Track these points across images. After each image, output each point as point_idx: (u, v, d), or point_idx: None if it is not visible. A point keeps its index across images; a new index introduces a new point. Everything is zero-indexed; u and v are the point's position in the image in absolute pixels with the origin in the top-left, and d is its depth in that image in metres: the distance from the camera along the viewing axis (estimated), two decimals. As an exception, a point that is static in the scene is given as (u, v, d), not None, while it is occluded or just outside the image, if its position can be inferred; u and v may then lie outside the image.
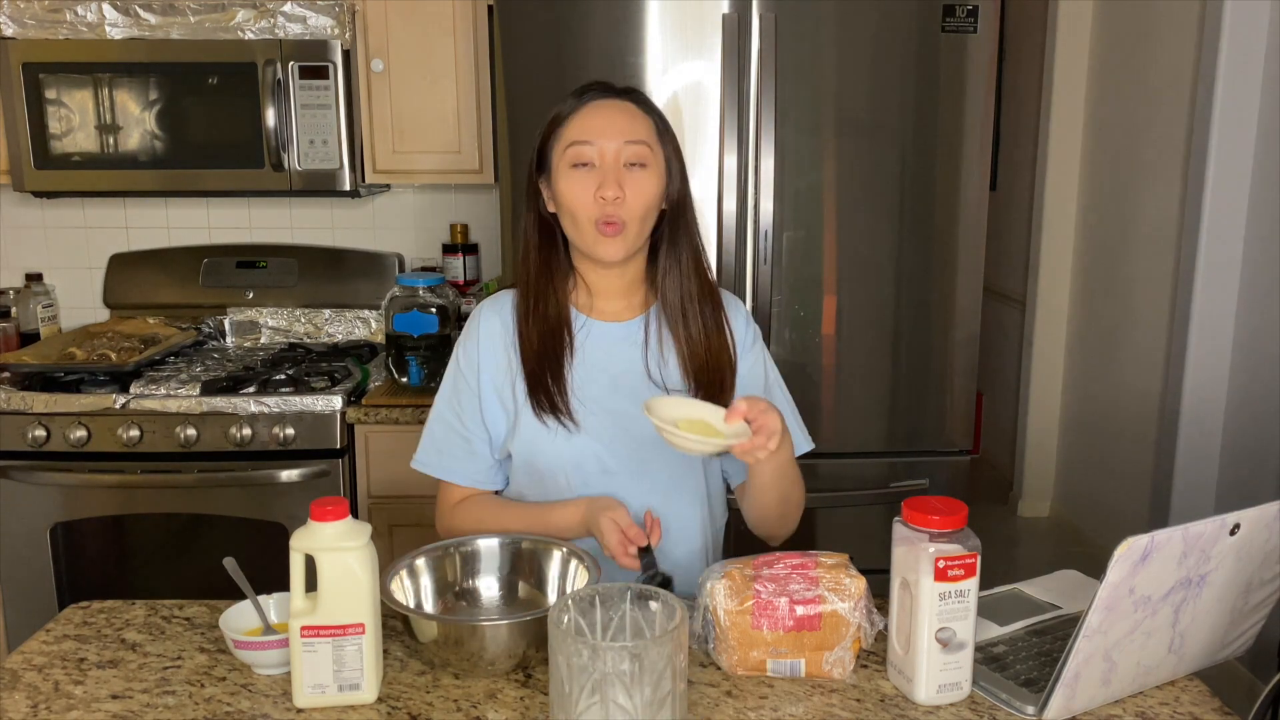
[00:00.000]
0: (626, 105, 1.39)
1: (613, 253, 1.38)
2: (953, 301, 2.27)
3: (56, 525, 2.40)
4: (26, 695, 1.18)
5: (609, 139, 1.36)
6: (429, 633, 1.19)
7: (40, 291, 2.87)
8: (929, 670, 1.14)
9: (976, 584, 1.14)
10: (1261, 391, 2.85)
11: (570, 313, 1.45)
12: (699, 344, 1.43)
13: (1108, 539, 1.47)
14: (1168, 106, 3.27)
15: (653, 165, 1.38)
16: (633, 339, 1.46)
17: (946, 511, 1.13)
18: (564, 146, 1.38)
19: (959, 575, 1.12)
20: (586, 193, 1.36)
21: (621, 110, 1.39)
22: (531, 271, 1.44)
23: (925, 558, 1.11)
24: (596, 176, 1.36)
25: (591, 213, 1.36)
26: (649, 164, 1.38)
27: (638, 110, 1.40)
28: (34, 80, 2.48)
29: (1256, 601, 1.22)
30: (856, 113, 2.19)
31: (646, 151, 1.37)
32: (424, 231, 2.95)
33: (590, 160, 1.36)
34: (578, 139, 1.37)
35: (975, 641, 1.15)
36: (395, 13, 2.51)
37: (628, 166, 1.36)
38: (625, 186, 1.35)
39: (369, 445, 2.41)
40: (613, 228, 1.36)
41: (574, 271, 1.47)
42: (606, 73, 2.13)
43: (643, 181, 1.37)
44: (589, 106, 1.38)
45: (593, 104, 1.39)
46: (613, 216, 1.35)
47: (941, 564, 1.11)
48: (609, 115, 1.38)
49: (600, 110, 1.38)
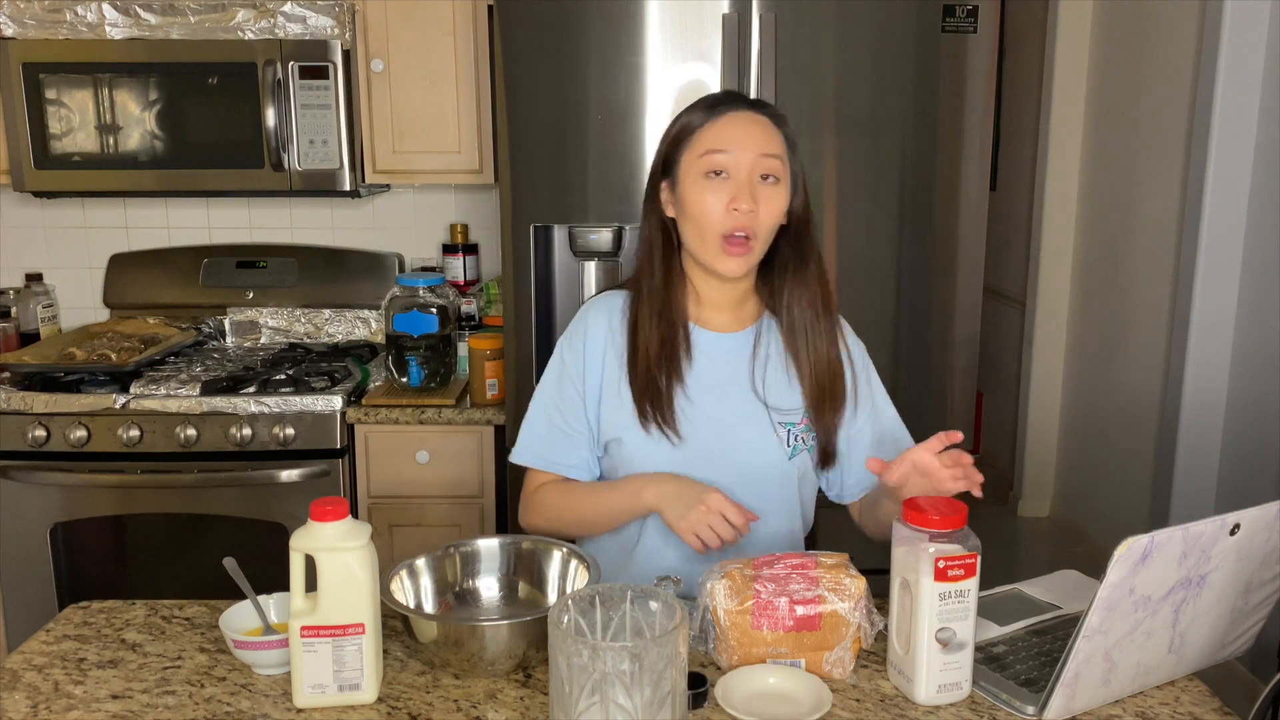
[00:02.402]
0: (761, 118, 1.38)
1: (736, 269, 1.37)
2: (953, 301, 2.27)
3: (56, 525, 2.40)
4: (26, 695, 1.18)
5: (745, 150, 1.34)
6: (429, 633, 1.19)
7: (40, 291, 2.87)
8: (929, 670, 1.14)
9: (976, 584, 1.14)
10: (1261, 392, 2.85)
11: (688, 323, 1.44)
12: (821, 363, 1.42)
13: (1108, 539, 1.47)
14: (1168, 106, 3.27)
15: (783, 180, 1.37)
16: (740, 351, 1.45)
17: (947, 511, 1.13)
18: (698, 154, 1.36)
19: (959, 575, 1.12)
20: (719, 203, 1.34)
21: (757, 123, 1.37)
22: (656, 277, 1.42)
23: (925, 558, 1.11)
24: (730, 188, 1.34)
25: (722, 225, 1.34)
26: (780, 179, 1.37)
27: (771, 124, 1.38)
28: (34, 80, 2.48)
29: (1256, 601, 1.22)
30: (856, 112, 2.19)
31: (779, 165, 1.36)
32: (424, 231, 2.95)
33: (725, 169, 1.35)
34: (714, 147, 1.35)
35: (975, 641, 1.15)
36: (395, 13, 2.51)
37: (760, 180, 1.35)
38: (759, 201, 1.34)
39: (369, 445, 2.41)
40: (742, 245, 1.34)
41: (685, 278, 1.45)
42: (606, 72, 2.13)
43: (774, 197, 1.36)
44: (726, 117, 1.37)
45: (729, 114, 1.37)
46: (744, 229, 1.34)
47: (941, 564, 1.11)
48: (746, 127, 1.36)
49: (737, 121, 1.36)
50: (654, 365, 1.39)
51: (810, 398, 1.42)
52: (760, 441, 1.42)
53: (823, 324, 1.43)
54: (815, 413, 1.42)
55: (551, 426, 1.47)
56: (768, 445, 1.42)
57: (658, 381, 1.39)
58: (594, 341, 1.45)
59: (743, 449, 1.42)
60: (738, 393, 1.43)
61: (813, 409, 1.43)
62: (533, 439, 1.49)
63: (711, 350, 1.44)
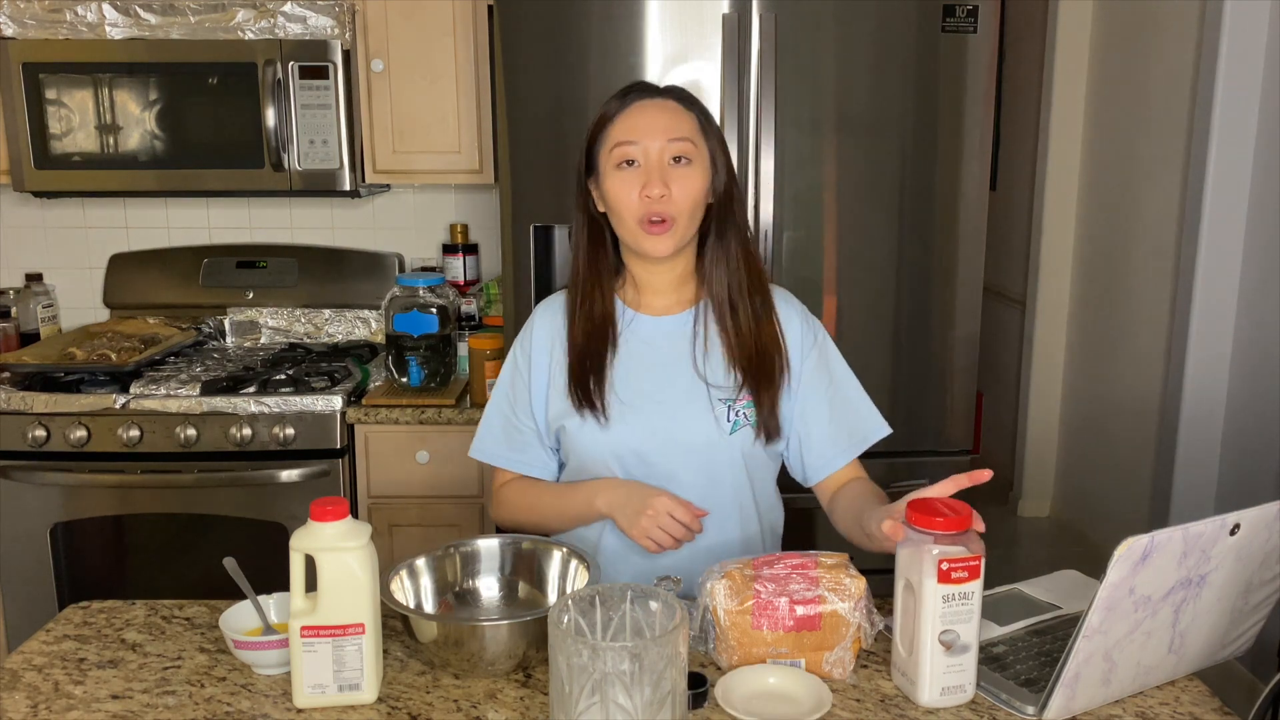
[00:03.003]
0: (669, 104, 1.42)
1: (660, 248, 1.40)
2: (953, 301, 2.27)
3: (56, 525, 2.40)
4: (26, 695, 1.18)
5: (653, 138, 1.38)
6: (429, 633, 1.19)
7: (40, 291, 2.87)
8: (932, 673, 1.14)
9: (980, 586, 1.14)
10: (1261, 392, 2.85)
11: (616, 309, 1.49)
12: (747, 337, 1.44)
13: (1108, 539, 1.47)
14: (1168, 106, 3.27)
15: (697, 160, 1.41)
16: (681, 332, 1.48)
17: (950, 513, 1.13)
18: (610, 148, 1.41)
19: (962, 578, 1.12)
20: (632, 191, 1.38)
21: (664, 109, 1.41)
22: (581, 271, 1.48)
23: (929, 560, 1.11)
24: (641, 175, 1.38)
25: (638, 211, 1.39)
26: (693, 159, 1.40)
27: (680, 108, 1.42)
28: (34, 80, 2.48)
29: (1256, 601, 1.22)
30: (856, 113, 2.19)
31: (690, 147, 1.40)
32: (424, 231, 2.95)
33: (635, 159, 1.39)
34: (622, 139, 1.39)
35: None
36: (395, 13, 2.51)
37: (672, 163, 1.39)
38: (671, 184, 1.38)
39: (369, 445, 2.41)
40: (660, 225, 1.39)
41: (624, 269, 1.50)
42: (606, 72, 2.13)
43: (688, 177, 1.39)
44: (633, 107, 1.41)
45: (636, 104, 1.41)
46: (659, 214, 1.38)
47: (945, 566, 1.11)
48: (652, 114, 1.40)
49: (643, 110, 1.41)
50: (581, 353, 1.45)
51: (742, 374, 1.45)
52: (699, 420, 1.45)
53: (748, 300, 1.45)
54: (751, 388, 1.45)
55: (506, 424, 1.53)
56: (705, 423, 1.45)
57: (586, 368, 1.45)
58: (540, 339, 1.51)
59: (681, 429, 1.45)
60: (679, 373, 1.46)
61: (748, 385, 1.45)
62: (489, 436, 1.55)
63: (652, 334, 1.48)
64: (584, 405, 1.44)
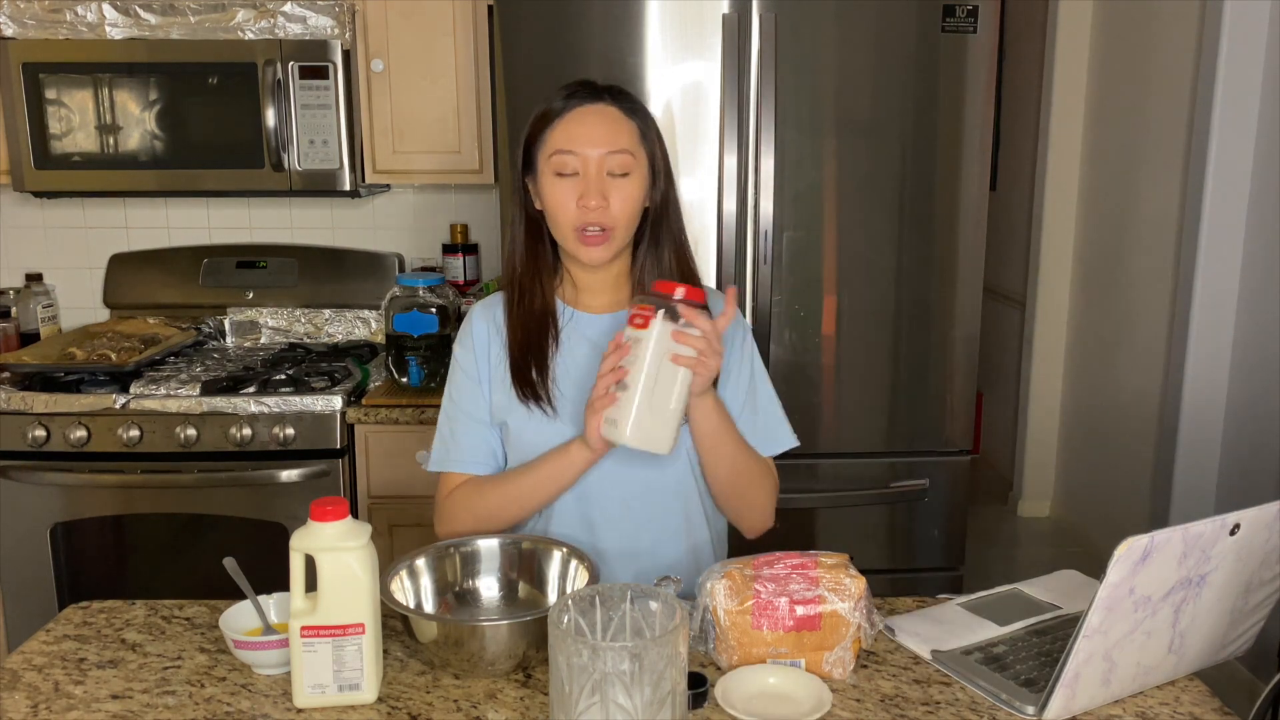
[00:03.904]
0: (610, 111, 1.40)
1: (596, 258, 1.41)
2: (953, 301, 2.27)
3: (56, 525, 2.40)
4: (26, 695, 1.18)
5: (592, 148, 1.37)
6: (429, 633, 1.19)
7: (40, 291, 2.87)
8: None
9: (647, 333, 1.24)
10: (1261, 391, 2.85)
11: (556, 305, 1.49)
12: None
13: (1108, 539, 1.47)
14: (1168, 106, 3.27)
15: (635, 172, 1.40)
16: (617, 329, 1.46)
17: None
18: (548, 153, 1.40)
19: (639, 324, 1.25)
20: (569, 200, 1.38)
21: (605, 117, 1.39)
22: (518, 268, 1.47)
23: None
24: (579, 185, 1.38)
25: (575, 220, 1.39)
26: (631, 171, 1.40)
27: (621, 115, 1.41)
28: (34, 80, 2.48)
29: (1256, 602, 1.22)
30: (856, 113, 2.19)
31: (629, 160, 1.39)
32: (424, 231, 2.95)
33: (574, 169, 1.38)
34: (561, 148, 1.38)
35: (975, 642, 1.15)
36: (395, 13, 2.51)
37: (610, 175, 1.38)
38: (609, 195, 1.37)
39: (369, 445, 2.41)
40: (597, 237, 1.39)
41: (561, 266, 1.50)
42: (606, 73, 2.13)
43: (625, 189, 1.39)
44: (573, 114, 1.39)
45: (576, 110, 1.40)
46: (595, 224, 1.38)
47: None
48: (592, 124, 1.39)
49: (584, 118, 1.39)
50: (523, 347, 1.45)
51: None
52: None
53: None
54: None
55: (454, 425, 1.51)
56: None
57: (529, 361, 1.44)
58: (479, 338, 1.50)
59: None
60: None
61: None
62: (440, 446, 1.52)
63: (590, 332, 1.48)
64: (529, 398, 1.44)
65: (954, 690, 1.19)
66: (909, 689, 1.20)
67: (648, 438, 1.27)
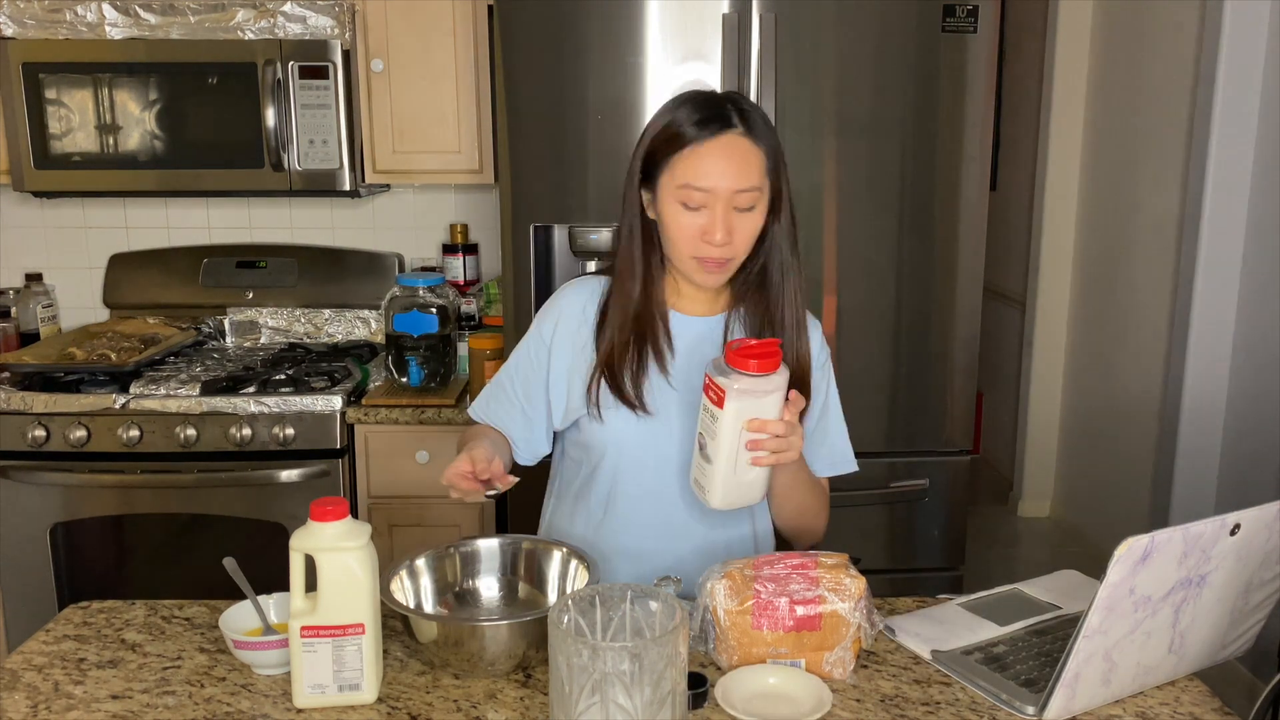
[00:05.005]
0: (742, 144, 1.35)
1: (712, 283, 1.41)
2: (953, 301, 2.27)
3: (56, 525, 2.40)
4: (26, 695, 1.18)
5: (723, 183, 1.33)
6: (429, 633, 1.19)
7: (40, 291, 2.87)
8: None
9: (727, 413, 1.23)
10: (1261, 391, 2.85)
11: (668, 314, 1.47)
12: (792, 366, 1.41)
13: (1108, 539, 1.47)
14: (1168, 106, 3.27)
15: (760, 205, 1.38)
16: (711, 335, 1.48)
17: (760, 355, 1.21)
18: (676, 183, 1.35)
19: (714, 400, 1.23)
20: (693, 231, 1.36)
21: (736, 151, 1.34)
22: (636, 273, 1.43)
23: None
24: (704, 218, 1.35)
25: (695, 250, 1.37)
26: (757, 204, 1.37)
27: (751, 146, 1.35)
28: (34, 80, 2.48)
29: (1256, 602, 1.22)
30: (856, 113, 2.19)
31: (757, 196, 1.36)
32: (424, 231, 2.95)
33: (700, 204, 1.35)
34: (691, 182, 1.34)
35: (976, 642, 1.15)
36: (395, 13, 2.51)
37: (736, 210, 1.36)
38: (733, 230, 1.35)
39: (369, 445, 2.41)
40: (716, 265, 1.38)
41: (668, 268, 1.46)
42: (606, 72, 2.13)
43: (749, 222, 1.37)
44: (706, 145, 1.34)
45: (709, 143, 1.34)
46: (716, 257, 1.36)
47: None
48: (726, 157, 1.34)
49: (715, 151, 1.34)
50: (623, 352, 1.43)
51: None
52: None
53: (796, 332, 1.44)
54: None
55: (506, 393, 1.53)
56: None
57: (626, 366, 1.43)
58: (565, 321, 1.49)
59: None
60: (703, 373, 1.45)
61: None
62: (488, 396, 1.55)
63: (684, 331, 1.47)
64: (624, 400, 1.42)
65: (954, 690, 1.19)
66: (909, 689, 1.20)
67: (737, 500, 1.30)
